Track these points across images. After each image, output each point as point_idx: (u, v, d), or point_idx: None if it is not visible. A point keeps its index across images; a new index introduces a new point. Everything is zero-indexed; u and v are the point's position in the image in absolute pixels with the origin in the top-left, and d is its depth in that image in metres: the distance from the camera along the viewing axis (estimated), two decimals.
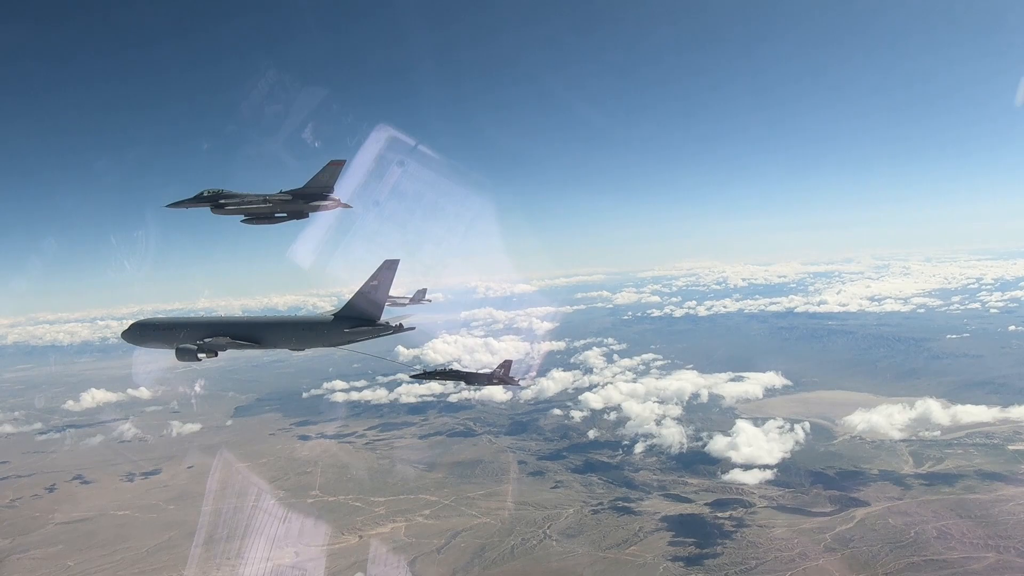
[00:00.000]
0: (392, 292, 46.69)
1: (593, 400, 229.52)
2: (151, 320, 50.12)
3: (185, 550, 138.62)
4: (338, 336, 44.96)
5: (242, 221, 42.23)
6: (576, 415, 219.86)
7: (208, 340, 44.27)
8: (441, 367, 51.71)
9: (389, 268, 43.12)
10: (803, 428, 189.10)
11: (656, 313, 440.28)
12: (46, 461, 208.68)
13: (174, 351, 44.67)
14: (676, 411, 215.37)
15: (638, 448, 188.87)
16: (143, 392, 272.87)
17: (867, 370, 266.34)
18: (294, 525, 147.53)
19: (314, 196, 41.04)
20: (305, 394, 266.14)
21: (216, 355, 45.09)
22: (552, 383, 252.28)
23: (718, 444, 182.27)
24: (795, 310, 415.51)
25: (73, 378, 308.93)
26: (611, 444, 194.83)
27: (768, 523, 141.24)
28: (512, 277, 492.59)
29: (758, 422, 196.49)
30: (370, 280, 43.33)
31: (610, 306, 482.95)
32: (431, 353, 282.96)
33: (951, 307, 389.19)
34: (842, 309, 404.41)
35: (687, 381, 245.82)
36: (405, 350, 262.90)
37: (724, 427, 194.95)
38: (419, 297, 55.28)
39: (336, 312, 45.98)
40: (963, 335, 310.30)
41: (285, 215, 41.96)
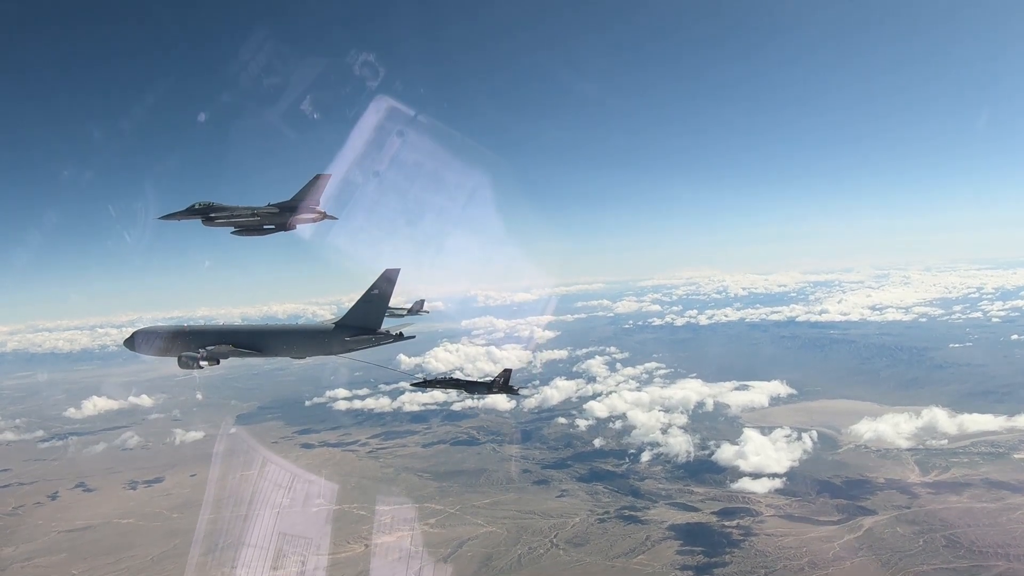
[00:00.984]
0: (391, 303, 46.54)
1: (598, 409, 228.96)
2: (152, 328, 49.63)
3: (190, 558, 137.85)
4: (339, 344, 44.87)
5: (232, 233, 42.51)
6: (581, 424, 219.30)
7: (210, 348, 44.22)
8: (442, 375, 51.67)
9: (389, 277, 43.15)
10: (810, 437, 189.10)
11: (657, 322, 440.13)
12: (48, 469, 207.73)
13: (176, 359, 44.59)
14: (682, 420, 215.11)
15: (644, 457, 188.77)
16: (145, 400, 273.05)
17: (870, 379, 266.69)
18: (299, 534, 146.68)
19: (300, 208, 41.22)
20: (307, 402, 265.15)
21: (218, 363, 44.98)
22: (555, 392, 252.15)
23: (726, 453, 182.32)
24: (796, 319, 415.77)
25: (74, 385, 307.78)
26: (616, 453, 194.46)
27: (776, 532, 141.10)
28: (512, 286, 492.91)
29: (765, 431, 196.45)
30: (370, 289, 43.39)
31: (611, 315, 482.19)
32: (432, 361, 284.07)
33: (953, 316, 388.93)
34: (843, 318, 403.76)
35: (692, 390, 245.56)
36: (406, 358, 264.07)
37: (731, 436, 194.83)
38: (417, 308, 55.29)
39: (337, 320, 46.10)
40: (966, 344, 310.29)
41: (272, 227, 42.18)
